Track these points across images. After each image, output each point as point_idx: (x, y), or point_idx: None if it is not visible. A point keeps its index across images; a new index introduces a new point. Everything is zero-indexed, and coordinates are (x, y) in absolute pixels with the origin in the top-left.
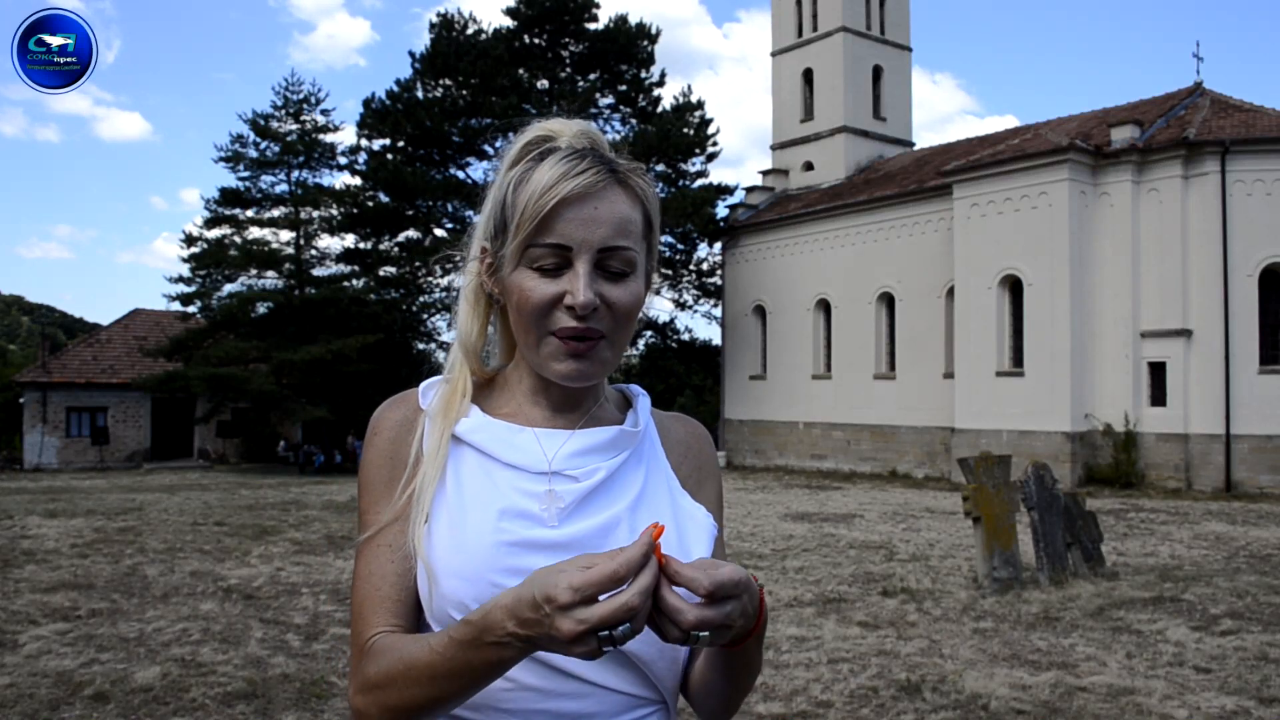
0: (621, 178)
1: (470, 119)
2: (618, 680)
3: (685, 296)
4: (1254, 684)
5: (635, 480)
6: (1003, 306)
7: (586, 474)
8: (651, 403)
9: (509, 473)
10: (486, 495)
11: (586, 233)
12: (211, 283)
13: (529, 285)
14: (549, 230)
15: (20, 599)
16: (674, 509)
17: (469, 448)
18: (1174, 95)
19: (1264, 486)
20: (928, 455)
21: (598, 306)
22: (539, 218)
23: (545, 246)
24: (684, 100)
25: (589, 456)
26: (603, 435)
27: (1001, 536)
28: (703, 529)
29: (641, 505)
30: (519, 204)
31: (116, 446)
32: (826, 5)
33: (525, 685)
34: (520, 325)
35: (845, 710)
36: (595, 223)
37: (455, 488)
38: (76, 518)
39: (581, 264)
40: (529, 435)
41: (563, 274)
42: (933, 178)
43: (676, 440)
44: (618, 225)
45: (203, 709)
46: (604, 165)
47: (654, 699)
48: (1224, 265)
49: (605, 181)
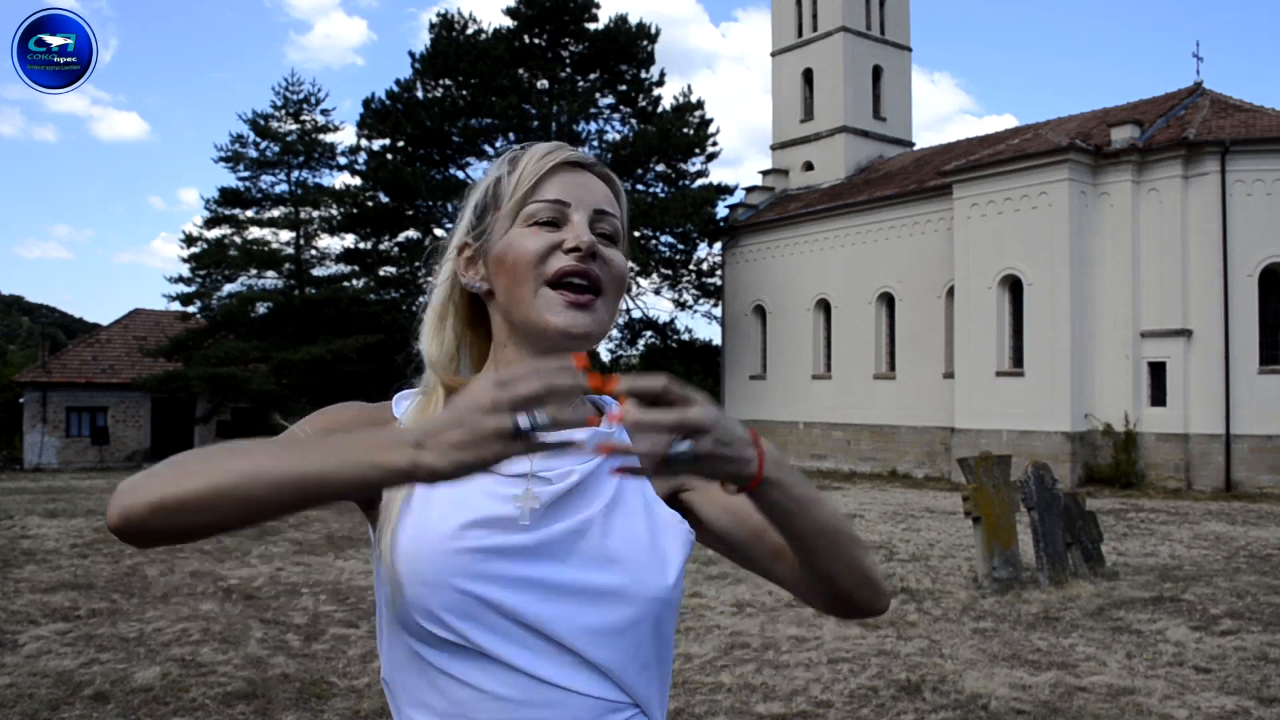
0: (605, 175)
1: (470, 119)
2: (589, 685)
3: (685, 296)
4: (1254, 684)
5: (609, 484)
6: (1003, 306)
7: (560, 476)
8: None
9: (482, 478)
10: (454, 500)
11: (583, 193)
12: (211, 283)
13: (525, 239)
14: (547, 189)
15: (20, 599)
16: (649, 515)
17: None
18: (1174, 95)
19: (1264, 486)
20: (928, 455)
21: (596, 251)
22: (538, 176)
23: (544, 202)
24: (684, 100)
25: (563, 459)
26: (578, 437)
27: (1001, 536)
28: (678, 536)
29: (616, 509)
30: (515, 173)
31: (116, 446)
32: (826, 5)
33: (495, 695)
34: (514, 280)
35: (845, 710)
36: (590, 188)
37: (423, 496)
38: (76, 518)
39: (579, 215)
40: None
41: (559, 229)
42: (932, 178)
43: None
44: (606, 197)
45: (203, 709)
46: (590, 157)
47: (628, 702)
48: (1224, 265)
49: (594, 166)
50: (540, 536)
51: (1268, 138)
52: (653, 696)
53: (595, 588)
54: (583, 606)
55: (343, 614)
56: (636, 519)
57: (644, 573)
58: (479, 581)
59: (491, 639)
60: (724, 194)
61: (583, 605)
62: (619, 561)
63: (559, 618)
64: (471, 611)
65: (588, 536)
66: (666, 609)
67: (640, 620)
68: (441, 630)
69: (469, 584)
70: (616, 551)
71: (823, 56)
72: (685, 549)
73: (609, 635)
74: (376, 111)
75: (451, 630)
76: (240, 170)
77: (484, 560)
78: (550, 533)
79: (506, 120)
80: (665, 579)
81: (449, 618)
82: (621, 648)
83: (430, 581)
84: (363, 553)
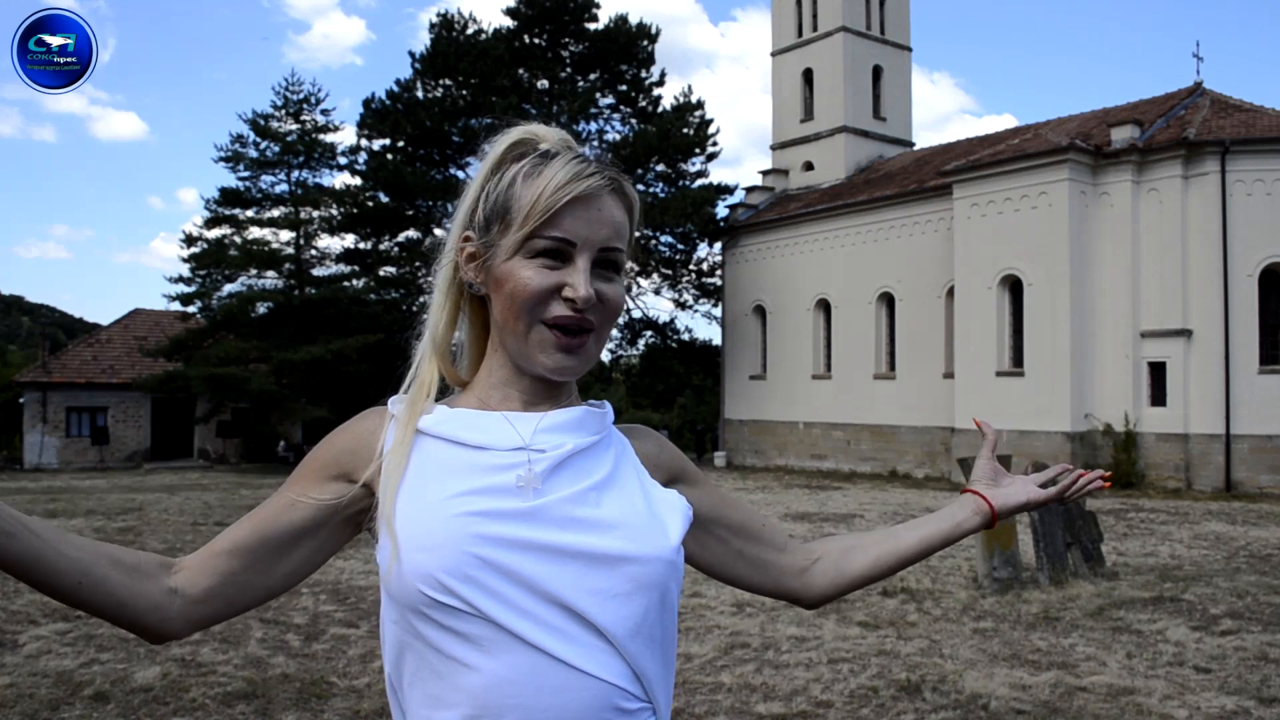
0: (617, 185)
1: (470, 119)
2: (599, 666)
3: (685, 296)
4: (1254, 684)
5: (605, 462)
6: (1003, 306)
7: (555, 447)
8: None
9: (478, 453)
10: (452, 472)
11: (590, 231)
12: (211, 283)
13: (527, 274)
14: (556, 225)
15: (20, 599)
16: (645, 493)
17: (434, 439)
18: (1174, 95)
19: (1264, 486)
20: (928, 455)
21: (595, 302)
22: (550, 211)
23: (550, 239)
24: (684, 100)
25: (558, 434)
26: (571, 414)
27: (1001, 536)
28: (676, 510)
29: (611, 485)
30: (527, 197)
31: (116, 446)
32: (826, 5)
33: (504, 678)
34: (510, 311)
35: (845, 710)
36: (599, 223)
37: (419, 472)
38: (77, 518)
39: (583, 259)
40: (497, 417)
41: (561, 267)
42: (932, 178)
43: (646, 451)
44: (615, 228)
45: (203, 709)
46: (606, 171)
47: (639, 694)
48: (1224, 265)
49: (608, 187)
50: (539, 503)
51: (1268, 138)
52: (657, 679)
53: (597, 551)
54: (586, 568)
55: (343, 614)
56: (633, 493)
57: (645, 537)
58: (479, 543)
59: (494, 604)
60: (724, 194)
61: (586, 567)
62: (619, 527)
63: (562, 578)
64: (473, 574)
65: (584, 504)
66: (671, 574)
67: (645, 584)
68: (444, 595)
69: (470, 545)
70: (616, 519)
71: (823, 56)
72: (684, 520)
73: (614, 598)
74: (376, 111)
75: (454, 595)
76: (240, 170)
77: (483, 522)
78: (549, 501)
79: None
80: (667, 540)
81: (451, 581)
82: (628, 614)
83: (429, 546)
84: (363, 553)
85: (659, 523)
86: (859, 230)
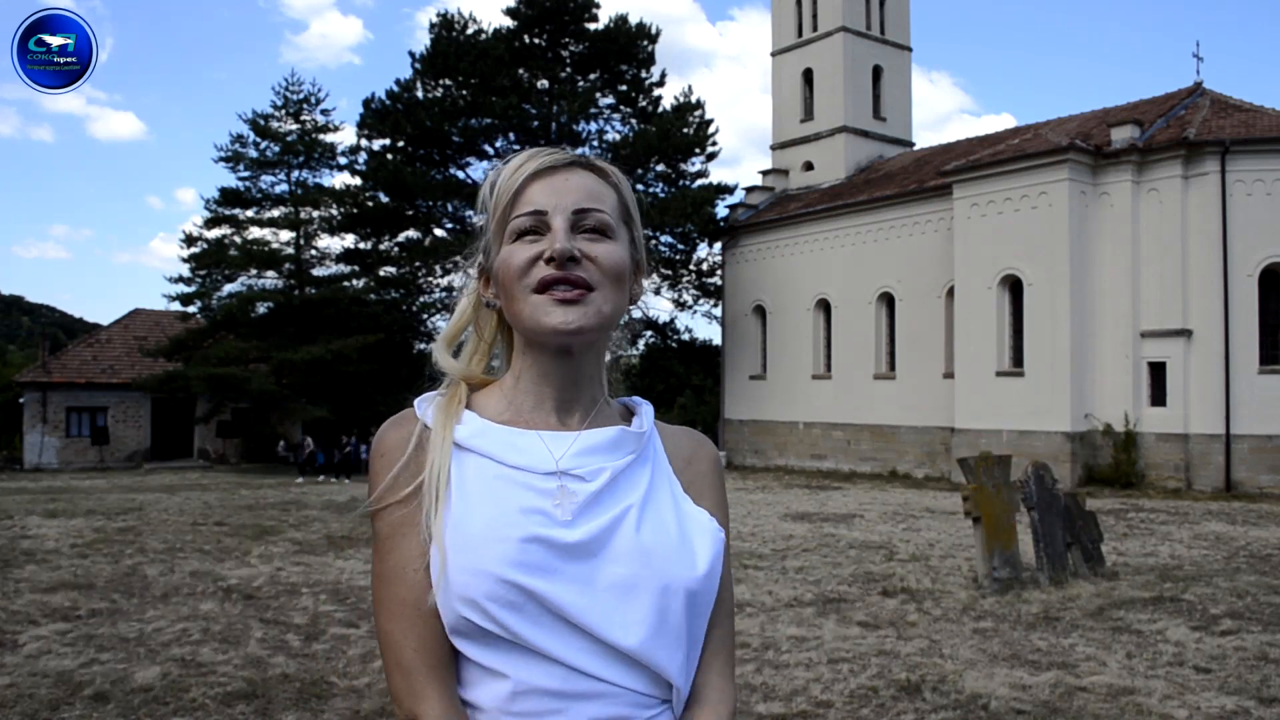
0: (585, 161)
1: (470, 119)
2: (626, 678)
3: (685, 296)
4: (1254, 684)
5: (641, 481)
6: (1003, 306)
7: (593, 474)
8: (655, 414)
9: (515, 473)
10: (495, 495)
11: (559, 197)
12: (211, 283)
13: (512, 254)
14: (525, 200)
15: (20, 599)
16: (677, 512)
17: (472, 454)
18: (1174, 95)
19: (1264, 486)
20: (928, 455)
21: (575, 255)
22: (514, 191)
23: (524, 215)
24: (684, 100)
25: (594, 456)
26: (606, 435)
27: (1001, 536)
28: (707, 532)
29: (647, 505)
30: (494, 191)
31: (116, 446)
32: (826, 5)
33: (534, 686)
34: (508, 294)
35: (845, 710)
36: (566, 190)
37: (460, 491)
38: (76, 518)
39: (558, 221)
40: (533, 437)
41: (541, 239)
42: (932, 178)
43: (677, 450)
44: (588, 192)
45: (203, 709)
46: (571, 154)
47: (663, 699)
48: (1224, 265)
49: (573, 162)
50: (580, 532)
51: (1268, 138)
52: (678, 670)
53: (629, 583)
54: (617, 600)
55: (343, 614)
56: (666, 513)
57: (674, 565)
58: (522, 571)
59: (532, 630)
60: (724, 194)
61: (617, 600)
62: (650, 553)
63: (594, 610)
64: (514, 601)
65: (622, 530)
66: (698, 601)
67: (672, 611)
68: (483, 620)
69: (513, 573)
70: (648, 545)
71: (823, 56)
72: (715, 544)
73: (641, 624)
74: (376, 111)
75: (493, 620)
76: (240, 170)
77: (528, 549)
78: (589, 528)
79: (506, 120)
80: (695, 570)
81: (493, 607)
82: (657, 641)
83: (475, 569)
84: (363, 553)
85: (688, 547)
86: (859, 230)
